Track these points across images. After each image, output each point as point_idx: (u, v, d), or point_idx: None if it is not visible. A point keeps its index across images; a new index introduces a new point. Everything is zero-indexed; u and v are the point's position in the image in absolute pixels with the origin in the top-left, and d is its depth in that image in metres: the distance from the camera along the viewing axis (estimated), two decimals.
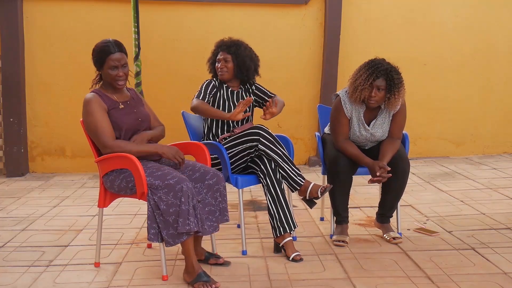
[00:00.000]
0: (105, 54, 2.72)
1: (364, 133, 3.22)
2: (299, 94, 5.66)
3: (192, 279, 2.59)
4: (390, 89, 3.05)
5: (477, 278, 2.66)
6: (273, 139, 3.03)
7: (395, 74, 3.07)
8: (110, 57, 2.72)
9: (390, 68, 3.08)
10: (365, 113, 3.21)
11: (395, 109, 3.17)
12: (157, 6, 5.41)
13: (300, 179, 3.05)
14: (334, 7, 5.50)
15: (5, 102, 5.26)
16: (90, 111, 2.70)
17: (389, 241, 3.22)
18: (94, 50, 2.77)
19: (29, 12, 5.29)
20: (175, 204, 2.52)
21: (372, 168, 3.05)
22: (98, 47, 2.75)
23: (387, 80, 3.05)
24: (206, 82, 3.39)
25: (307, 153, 5.79)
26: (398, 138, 3.23)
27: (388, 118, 3.22)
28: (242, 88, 3.46)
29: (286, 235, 2.99)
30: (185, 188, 2.53)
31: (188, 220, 2.51)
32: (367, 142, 3.29)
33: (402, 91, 3.10)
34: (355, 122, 3.22)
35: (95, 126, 2.69)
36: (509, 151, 6.06)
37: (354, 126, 3.22)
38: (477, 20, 5.82)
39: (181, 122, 3.52)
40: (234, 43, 3.38)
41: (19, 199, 4.45)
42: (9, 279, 2.73)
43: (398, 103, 3.13)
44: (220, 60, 3.36)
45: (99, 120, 2.69)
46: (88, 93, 2.77)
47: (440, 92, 5.87)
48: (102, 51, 2.73)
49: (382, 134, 3.23)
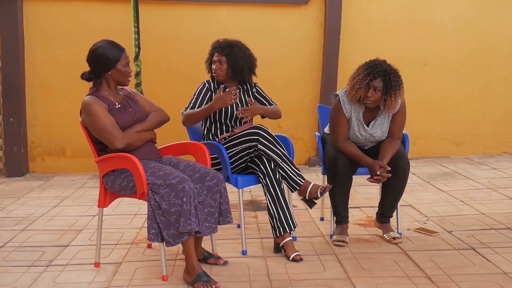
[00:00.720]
0: (118, 54, 2.74)
1: (363, 133, 3.23)
2: (299, 94, 5.66)
3: (192, 279, 2.59)
4: (387, 91, 3.04)
5: (477, 278, 2.66)
6: (272, 139, 3.03)
7: (394, 76, 3.05)
8: (124, 54, 2.76)
9: (389, 69, 3.07)
10: (364, 114, 3.21)
11: (393, 111, 3.17)
12: (157, 6, 5.41)
13: (299, 179, 3.05)
14: (334, 7, 5.50)
15: (5, 102, 5.26)
16: (93, 112, 2.69)
17: (389, 241, 3.22)
18: (100, 54, 2.72)
19: (29, 12, 5.29)
20: (177, 204, 2.52)
21: (372, 168, 3.05)
22: (107, 50, 2.73)
23: (385, 82, 3.04)
24: (198, 89, 3.39)
25: (307, 153, 5.79)
26: (398, 138, 3.23)
27: (388, 119, 3.22)
28: (241, 88, 3.45)
29: (286, 235, 2.99)
30: (187, 188, 2.53)
31: (190, 220, 2.51)
32: (367, 143, 3.29)
33: (399, 94, 3.08)
34: (355, 122, 3.22)
35: (102, 125, 2.69)
36: (509, 151, 6.06)
37: (353, 127, 3.22)
38: (477, 20, 5.82)
39: (181, 122, 3.52)
40: (228, 45, 3.37)
41: (19, 199, 4.45)
42: (9, 279, 2.73)
43: (394, 105, 3.11)
44: (215, 62, 3.37)
45: (104, 120, 2.69)
46: (87, 97, 2.76)
47: (440, 92, 5.87)
48: (113, 51, 2.74)
49: (382, 135, 3.23)
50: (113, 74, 2.77)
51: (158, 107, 3.02)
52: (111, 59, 2.73)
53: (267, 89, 5.12)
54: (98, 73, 2.78)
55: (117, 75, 2.78)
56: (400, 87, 3.08)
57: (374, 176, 3.04)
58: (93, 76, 2.79)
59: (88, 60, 2.78)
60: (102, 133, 2.70)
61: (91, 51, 2.77)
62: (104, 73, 2.77)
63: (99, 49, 2.74)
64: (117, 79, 2.80)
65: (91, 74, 2.79)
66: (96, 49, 2.75)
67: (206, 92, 3.37)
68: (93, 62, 2.76)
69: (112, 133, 2.68)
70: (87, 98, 2.74)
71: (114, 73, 2.77)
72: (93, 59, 2.76)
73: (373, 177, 3.05)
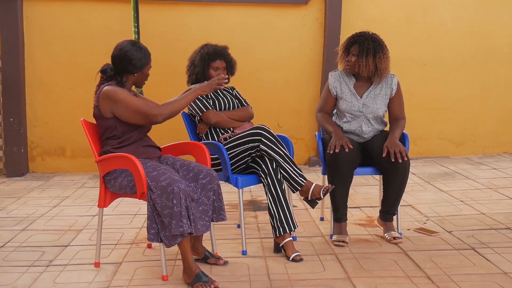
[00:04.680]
0: (149, 58, 2.82)
1: (356, 103, 3.31)
2: (299, 94, 5.66)
3: (191, 280, 2.59)
4: (361, 54, 3.22)
5: (477, 278, 2.66)
6: (275, 139, 3.04)
7: (369, 42, 3.22)
8: (151, 58, 2.86)
9: (368, 36, 3.25)
10: (356, 85, 3.36)
11: (367, 74, 3.27)
12: (157, 6, 5.41)
13: (301, 180, 3.05)
14: (334, 7, 5.50)
15: (5, 102, 5.26)
16: (121, 97, 2.71)
17: (389, 241, 3.22)
18: (133, 57, 2.75)
19: (29, 12, 5.29)
20: (168, 206, 2.52)
21: (338, 137, 3.16)
22: (140, 53, 2.77)
23: (360, 47, 3.22)
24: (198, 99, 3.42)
25: (307, 153, 5.79)
26: (402, 118, 3.37)
27: (384, 97, 3.32)
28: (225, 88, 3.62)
29: (286, 235, 2.99)
30: (176, 189, 2.52)
31: (181, 222, 2.51)
32: (362, 117, 3.33)
33: (371, 59, 3.20)
34: (347, 93, 3.35)
35: (135, 106, 2.71)
36: (509, 151, 6.06)
37: (347, 98, 3.34)
38: (477, 20, 5.82)
39: (181, 122, 3.52)
40: (226, 51, 3.51)
41: (19, 199, 4.45)
42: (9, 279, 2.73)
43: (367, 69, 3.23)
44: (217, 68, 3.44)
45: (134, 101, 2.71)
46: (106, 86, 2.76)
47: (440, 92, 5.87)
48: (146, 56, 2.80)
49: (376, 108, 3.30)
50: (138, 76, 2.83)
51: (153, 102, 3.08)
52: (143, 62, 2.79)
53: (267, 89, 5.13)
54: (123, 72, 2.80)
55: (140, 78, 2.85)
56: (377, 53, 3.22)
57: (333, 143, 3.14)
58: (113, 72, 2.82)
59: (117, 58, 2.78)
60: (137, 113, 2.71)
61: (122, 51, 2.77)
62: (128, 74, 2.80)
63: (131, 51, 2.76)
64: (138, 81, 2.86)
65: (113, 71, 2.81)
66: (128, 51, 2.76)
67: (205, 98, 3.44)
68: (121, 62, 2.77)
69: (148, 110, 2.70)
70: (109, 86, 2.75)
71: (139, 75, 2.83)
72: (122, 60, 2.77)
73: (332, 144, 3.14)
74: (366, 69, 3.24)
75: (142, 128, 2.86)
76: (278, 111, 5.60)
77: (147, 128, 2.92)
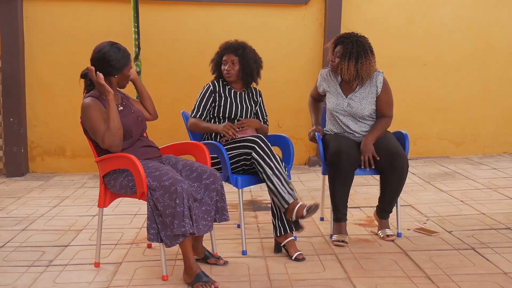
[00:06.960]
0: (128, 59, 2.81)
1: (341, 102, 3.34)
2: (299, 94, 5.65)
3: (192, 280, 2.59)
4: (343, 57, 3.23)
5: (477, 278, 2.66)
6: (269, 151, 2.98)
7: (353, 45, 3.21)
8: (130, 59, 2.85)
9: (353, 39, 3.25)
10: (342, 85, 3.38)
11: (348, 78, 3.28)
12: (157, 6, 5.41)
13: (288, 197, 2.90)
14: (334, 7, 5.50)
15: (5, 102, 5.26)
16: (89, 115, 2.71)
17: (382, 238, 3.24)
18: (111, 58, 2.73)
19: (29, 12, 5.29)
20: (171, 205, 2.52)
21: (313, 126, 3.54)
22: (118, 54, 2.75)
23: (344, 48, 3.23)
24: (202, 92, 3.38)
25: (307, 153, 5.79)
26: (389, 116, 3.36)
27: (371, 97, 3.31)
28: (245, 91, 3.46)
29: (288, 234, 2.99)
30: (179, 189, 2.52)
31: (184, 222, 2.51)
32: (348, 116, 3.34)
33: (353, 63, 3.20)
34: (334, 93, 3.38)
35: (95, 129, 2.70)
36: (509, 151, 6.06)
37: (333, 98, 3.38)
38: (477, 20, 5.82)
39: (181, 122, 3.53)
40: (241, 45, 3.39)
41: (19, 199, 4.45)
42: (9, 279, 2.74)
43: (348, 73, 3.24)
44: (226, 62, 3.37)
45: (97, 123, 2.69)
46: (85, 99, 2.75)
47: (440, 92, 5.87)
48: (124, 57, 2.78)
49: (361, 108, 3.30)
50: (119, 77, 2.81)
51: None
52: (122, 63, 2.77)
53: (267, 89, 5.11)
54: (104, 75, 2.75)
55: (121, 79, 2.83)
56: (360, 58, 3.21)
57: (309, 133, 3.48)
58: None
59: (95, 61, 2.76)
60: (95, 135, 2.72)
61: (100, 53, 2.74)
62: (109, 76, 2.78)
63: (109, 52, 2.73)
64: (120, 82, 2.84)
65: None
66: (106, 52, 2.73)
67: (210, 95, 3.36)
68: (100, 64, 2.74)
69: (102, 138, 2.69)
70: (85, 100, 2.74)
71: (119, 77, 2.81)
72: (101, 61, 2.74)
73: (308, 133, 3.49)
74: (348, 73, 3.24)
75: (137, 130, 2.84)
76: (278, 111, 5.59)
77: (141, 128, 2.90)
